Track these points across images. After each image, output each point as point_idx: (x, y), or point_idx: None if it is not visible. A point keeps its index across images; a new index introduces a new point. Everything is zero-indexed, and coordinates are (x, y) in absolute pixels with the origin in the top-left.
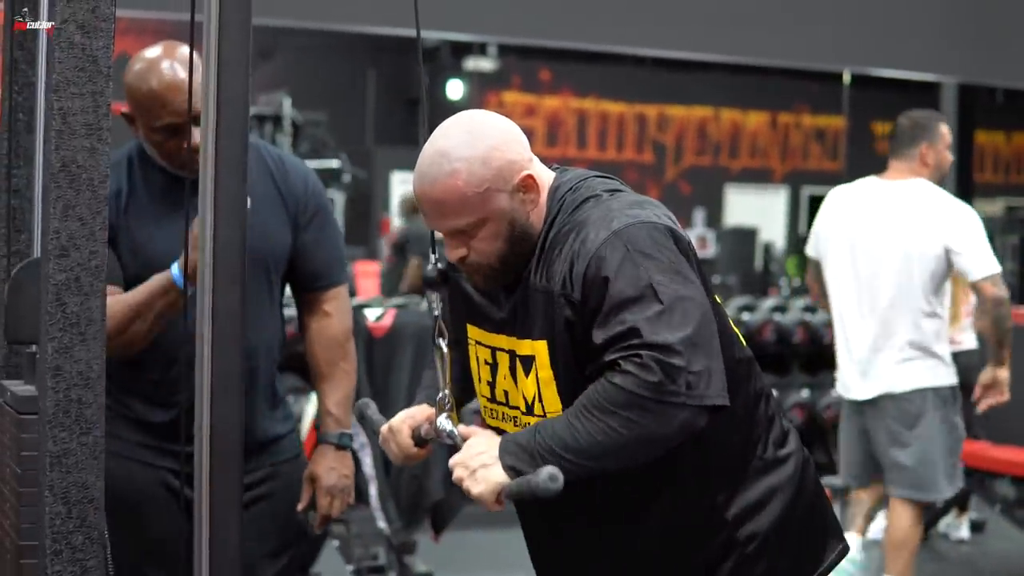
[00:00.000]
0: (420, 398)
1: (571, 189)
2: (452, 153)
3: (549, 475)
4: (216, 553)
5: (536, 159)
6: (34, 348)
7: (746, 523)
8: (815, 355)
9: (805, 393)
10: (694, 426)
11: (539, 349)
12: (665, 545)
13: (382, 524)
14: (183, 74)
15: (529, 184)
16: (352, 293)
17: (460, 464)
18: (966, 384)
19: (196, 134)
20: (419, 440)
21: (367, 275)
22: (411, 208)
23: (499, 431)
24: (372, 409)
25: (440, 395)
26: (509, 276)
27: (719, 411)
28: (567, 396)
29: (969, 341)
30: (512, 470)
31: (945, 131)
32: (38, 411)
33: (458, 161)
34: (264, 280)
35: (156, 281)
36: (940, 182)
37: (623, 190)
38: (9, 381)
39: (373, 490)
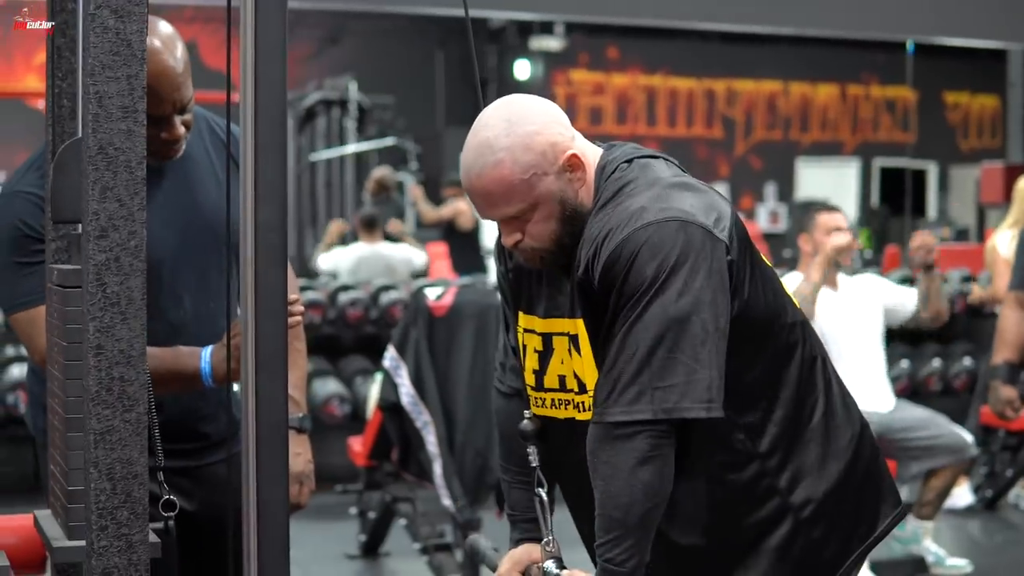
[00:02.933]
0: (515, 534)
1: (616, 168)
2: (495, 143)
3: None
4: (265, 529)
5: (579, 135)
6: (79, 228)
7: (800, 487)
8: None
9: None
10: (667, 437)
11: (579, 326)
12: (720, 507)
13: (447, 502)
14: (167, 58)
15: (575, 163)
16: (425, 273)
17: None
18: None
19: (178, 123)
20: None
21: (438, 256)
22: (380, 188)
23: (547, 419)
24: (483, 544)
25: (545, 540)
26: (566, 256)
27: (711, 420)
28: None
29: None
30: None
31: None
32: (81, 284)
33: (502, 150)
34: (223, 260)
35: (182, 364)
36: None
37: (665, 172)
38: (56, 264)
39: (438, 468)
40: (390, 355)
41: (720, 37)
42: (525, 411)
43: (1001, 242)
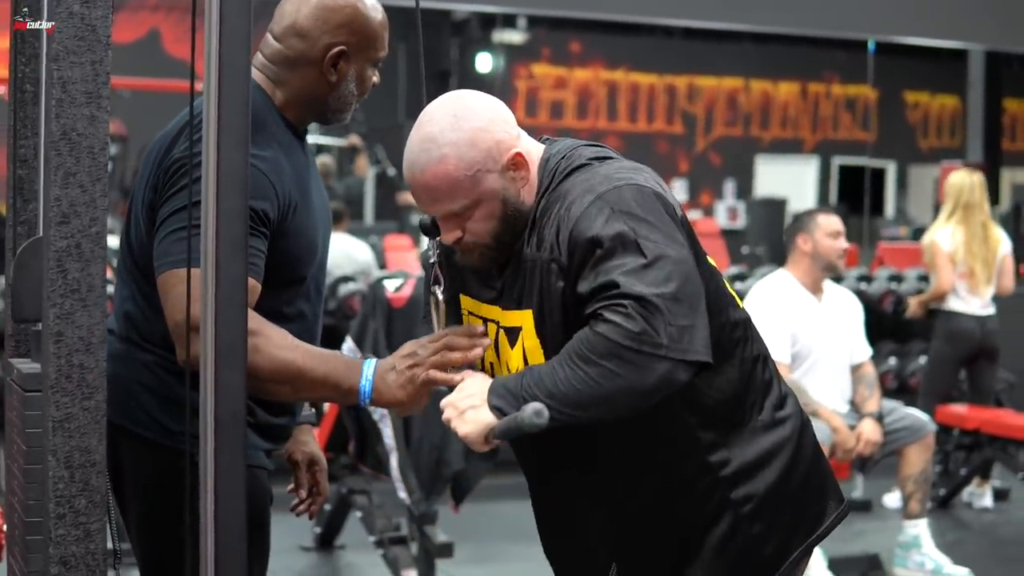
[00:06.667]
0: None
1: (562, 158)
2: (439, 138)
3: (534, 411)
4: (222, 518)
5: (524, 134)
6: (39, 326)
7: (742, 484)
8: None
9: None
10: (674, 381)
11: (526, 318)
12: (659, 504)
13: (403, 495)
14: (380, 8)
15: (519, 162)
16: (382, 266)
17: (450, 405)
18: (990, 348)
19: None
20: None
21: (398, 249)
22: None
23: None
24: None
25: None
26: (505, 253)
27: (704, 368)
28: None
29: (992, 306)
30: (498, 410)
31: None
32: (42, 388)
33: (446, 146)
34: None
35: (339, 375)
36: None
37: (612, 157)
38: (16, 359)
39: (394, 461)
40: (348, 346)
41: (682, 33)
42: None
43: (941, 238)
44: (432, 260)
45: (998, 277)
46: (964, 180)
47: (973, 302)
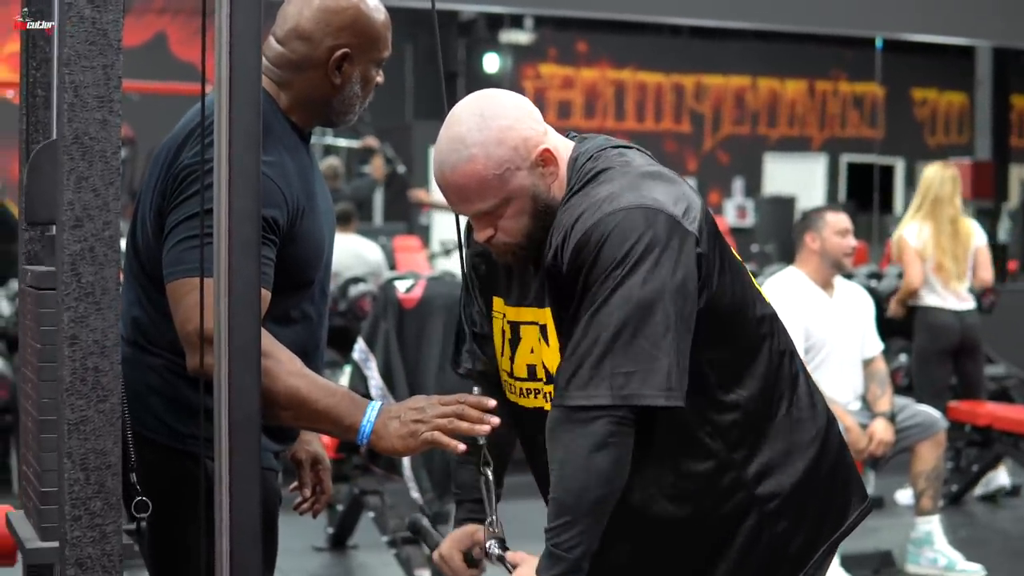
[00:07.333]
0: (460, 514)
1: (589, 159)
2: (467, 138)
3: None
4: (236, 521)
5: (551, 130)
6: (52, 229)
7: (767, 481)
8: None
9: None
10: (626, 426)
11: (548, 316)
12: (684, 501)
13: (416, 494)
14: (383, 9)
15: (547, 158)
16: (392, 266)
17: None
18: (972, 342)
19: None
20: (472, 563)
21: (407, 250)
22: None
23: (518, 407)
24: (426, 522)
25: (488, 520)
26: (537, 251)
27: (667, 410)
28: None
29: (970, 300)
30: None
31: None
32: (55, 286)
33: (474, 145)
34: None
35: (343, 410)
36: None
37: (637, 162)
38: (30, 266)
39: (406, 461)
40: (359, 347)
41: (689, 32)
42: (474, 387)
43: (909, 233)
44: (481, 442)
45: (974, 270)
46: (935, 174)
47: (948, 297)
